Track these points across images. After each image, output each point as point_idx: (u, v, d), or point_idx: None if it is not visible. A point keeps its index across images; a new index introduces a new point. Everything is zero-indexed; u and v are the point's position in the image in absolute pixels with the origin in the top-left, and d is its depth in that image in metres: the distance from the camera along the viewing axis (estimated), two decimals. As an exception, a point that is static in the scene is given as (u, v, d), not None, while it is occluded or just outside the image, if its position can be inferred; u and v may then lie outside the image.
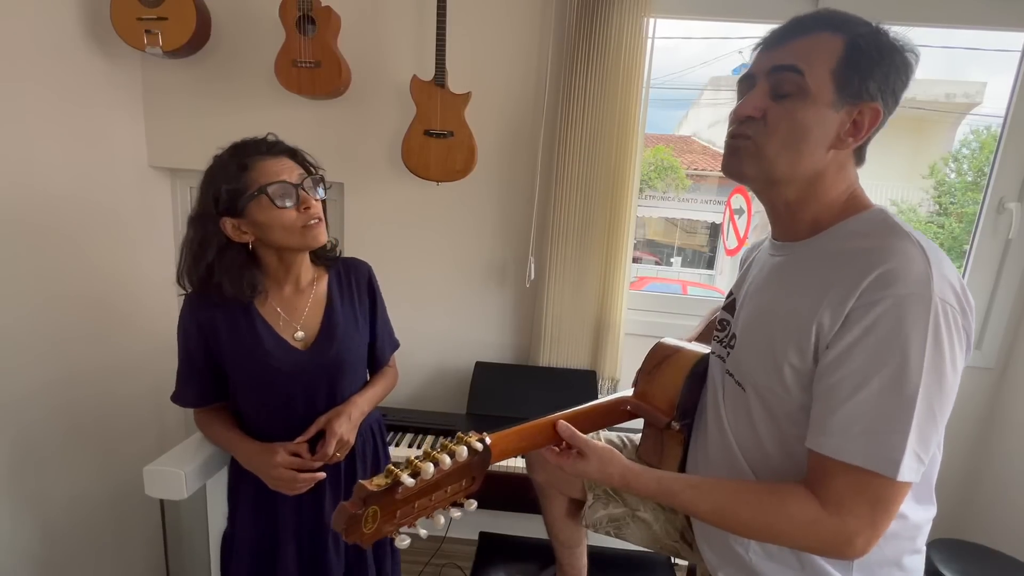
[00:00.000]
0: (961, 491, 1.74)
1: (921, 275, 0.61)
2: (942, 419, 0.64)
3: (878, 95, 0.67)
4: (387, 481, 0.59)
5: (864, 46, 0.66)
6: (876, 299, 0.62)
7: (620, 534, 1.00)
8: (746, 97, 0.72)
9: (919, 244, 0.64)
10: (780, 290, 0.75)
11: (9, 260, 1.29)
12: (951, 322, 0.62)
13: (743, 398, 0.78)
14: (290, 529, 1.03)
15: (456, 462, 0.65)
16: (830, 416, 0.64)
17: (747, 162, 0.72)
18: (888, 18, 1.58)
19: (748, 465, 0.78)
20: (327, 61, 1.52)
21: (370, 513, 0.59)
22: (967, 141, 4.25)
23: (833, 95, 0.67)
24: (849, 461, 0.63)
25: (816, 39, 0.68)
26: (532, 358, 1.73)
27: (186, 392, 1.03)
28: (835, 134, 0.69)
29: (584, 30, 1.50)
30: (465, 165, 1.57)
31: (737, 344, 0.80)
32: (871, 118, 0.68)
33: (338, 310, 1.05)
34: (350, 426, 1.00)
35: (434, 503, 0.66)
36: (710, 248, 5.74)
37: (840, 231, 0.71)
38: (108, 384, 1.57)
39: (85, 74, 1.49)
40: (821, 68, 0.66)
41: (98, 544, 1.57)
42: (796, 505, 0.66)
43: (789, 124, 0.68)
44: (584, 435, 0.80)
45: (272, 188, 0.90)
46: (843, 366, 0.64)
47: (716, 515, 0.71)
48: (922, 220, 4.04)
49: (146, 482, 0.98)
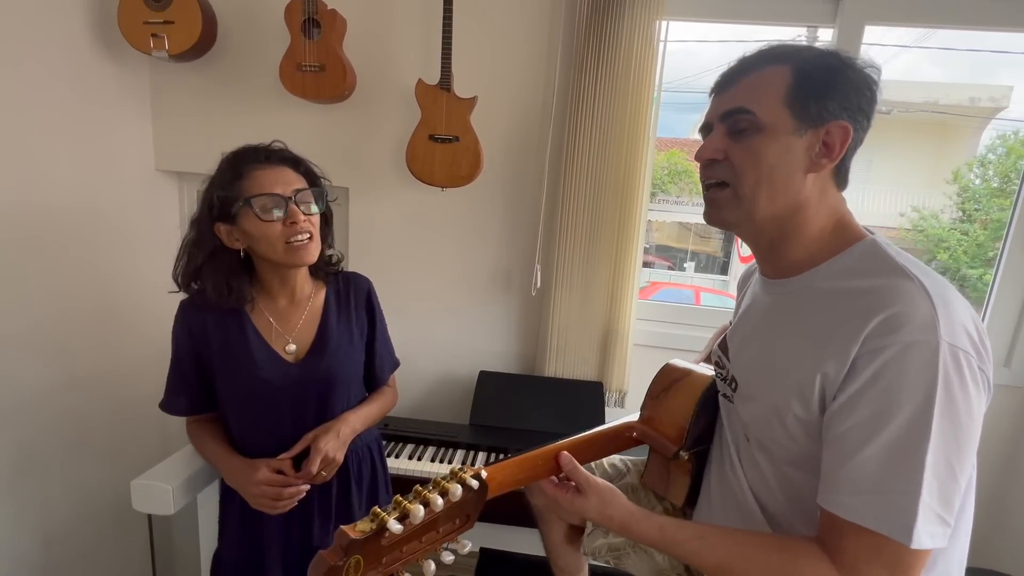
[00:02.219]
0: (990, 516, 1.65)
1: (926, 320, 0.57)
2: (963, 473, 0.58)
3: (842, 113, 0.65)
4: (372, 526, 0.54)
5: (812, 70, 0.65)
6: (880, 346, 0.58)
7: (620, 564, 0.95)
8: (705, 141, 0.71)
9: (921, 284, 0.60)
10: (775, 339, 0.72)
11: (16, 264, 1.29)
12: (963, 367, 0.57)
13: (747, 445, 0.75)
14: (277, 551, 1.00)
15: (449, 502, 0.60)
16: (839, 469, 0.60)
17: (727, 210, 0.71)
18: (914, 20, 1.50)
19: (760, 507, 0.74)
20: (332, 65, 1.50)
21: (352, 563, 0.54)
22: (993, 146, 4.13)
23: (791, 122, 0.65)
24: (860, 523, 0.58)
25: (761, 75, 0.67)
26: (537, 368, 1.69)
27: (174, 400, 1.01)
28: (807, 158, 0.66)
29: (594, 32, 1.46)
30: (470, 170, 1.54)
31: (738, 392, 0.77)
32: (841, 136, 0.65)
33: (333, 325, 1.02)
34: (338, 444, 0.96)
35: (424, 546, 0.61)
36: (724, 253, 5.66)
37: (832, 268, 0.68)
38: (112, 389, 1.57)
39: (93, 78, 1.49)
40: (771, 101, 0.66)
41: (98, 550, 1.56)
42: (809, 567, 0.61)
43: (754, 159, 0.67)
44: (585, 471, 0.75)
45: (258, 200, 0.88)
46: (851, 416, 0.60)
47: (722, 571, 0.67)
48: (945, 226, 3.93)
49: (133, 496, 0.95)
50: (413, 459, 1.44)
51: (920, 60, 6.09)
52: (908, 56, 4.73)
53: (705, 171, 0.72)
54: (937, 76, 5.29)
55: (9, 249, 1.27)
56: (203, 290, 0.93)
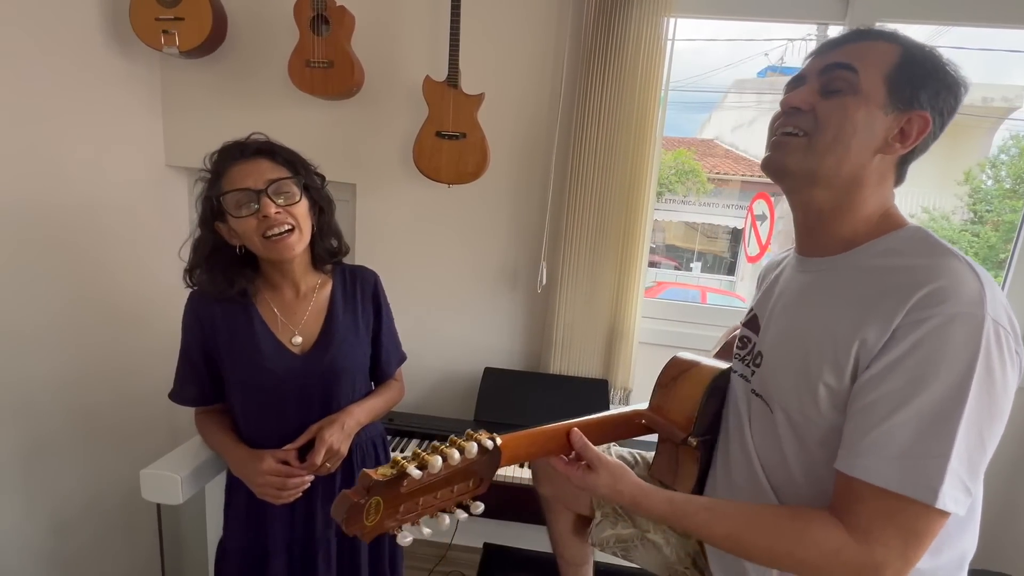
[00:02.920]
0: (998, 518, 1.64)
1: (974, 294, 0.58)
2: (991, 446, 0.60)
3: (928, 107, 0.67)
4: (392, 472, 0.57)
5: (919, 58, 0.67)
6: (925, 316, 0.59)
7: (628, 556, 0.95)
8: (795, 91, 0.71)
9: (969, 263, 0.62)
10: (814, 308, 0.72)
11: (28, 260, 1.31)
12: (1004, 344, 0.58)
13: (770, 419, 0.74)
14: (280, 541, 1.00)
15: (465, 459, 0.62)
16: (864, 436, 0.60)
17: (793, 156, 0.70)
18: (925, 17, 1.49)
19: (772, 488, 0.74)
20: (340, 61, 1.51)
21: (373, 504, 0.56)
22: (1006, 147, 4.08)
23: (884, 98, 0.66)
24: (881, 485, 0.59)
25: (873, 45, 0.68)
26: (542, 365, 1.69)
27: (183, 390, 1.02)
28: (883, 137, 0.67)
29: (601, 29, 1.45)
30: (477, 167, 1.54)
31: (764, 363, 0.76)
32: (920, 127, 0.67)
33: (338, 318, 1.02)
34: (342, 435, 0.97)
35: (439, 501, 0.63)
36: (731, 254, 5.62)
37: (875, 248, 0.69)
38: (122, 382, 1.59)
39: (105, 74, 1.50)
40: (875, 70, 0.66)
41: (108, 541, 1.58)
42: (820, 531, 0.62)
43: (840, 119, 0.67)
44: (596, 448, 0.76)
45: (229, 197, 0.88)
46: (884, 383, 0.60)
47: (732, 540, 0.67)
48: (956, 228, 3.89)
49: (143, 486, 0.96)
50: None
51: (932, 60, 6.01)
52: (920, 55, 4.67)
53: (785, 119, 0.71)
54: (950, 76, 5.22)
55: (21, 245, 1.29)
56: (200, 282, 0.95)
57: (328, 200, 1.02)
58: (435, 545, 1.83)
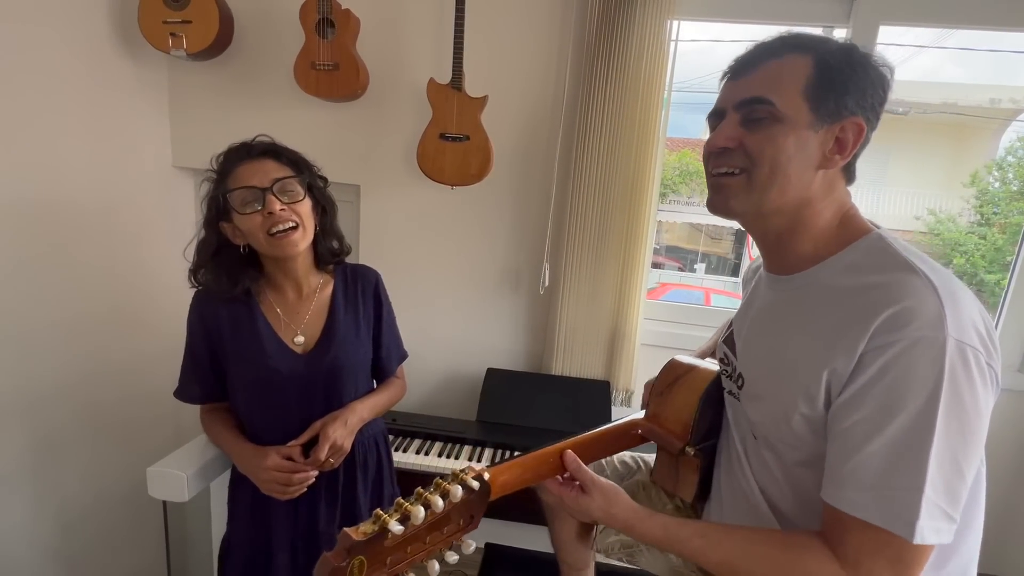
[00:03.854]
0: (1001, 523, 1.63)
1: (933, 316, 0.57)
2: (970, 469, 0.58)
3: (858, 110, 0.64)
4: (374, 528, 0.55)
5: (834, 63, 0.63)
6: (888, 342, 0.57)
7: (633, 561, 0.96)
8: (717, 129, 0.69)
9: (928, 279, 0.59)
10: (781, 335, 0.71)
11: (35, 259, 1.33)
12: (971, 363, 0.57)
13: (755, 445, 0.74)
14: (284, 537, 1.02)
15: (450, 503, 0.61)
16: (843, 465, 0.60)
17: (736, 198, 0.69)
18: (929, 20, 1.48)
19: (768, 504, 0.73)
20: (345, 64, 1.52)
21: (356, 564, 0.55)
22: (1013, 148, 4.05)
23: (809, 116, 0.64)
24: (865, 518, 0.58)
25: (782, 63, 0.65)
26: (545, 366, 1.70)
27: (188, 388, 1.03)
28: (820, 154, 0.65)
29: (605, 31, 1.46)
30: (480, 169, 1.55)
31: (744, 390, 0.76)
32: (855, 134, 0.65)
33: (339, 317, 1.04)
34: (346, 432, 0.98)
35: (429, 546, 0.62)
36: (735, 255, 5.60)
37: (838, 263, 0.67)
38: (128, 381, 1.61)
39: (113, 76, 1.52)
40: (791, 92, 0.64)
41: (114, 537, 1.60)
42: (814, 564, 0.61)
43: (771, 151, 0.65)
44: (590, 470, 0.76)
45: (235, 194, 0.91)
46: (856, 411, 0.59)
47: (727, 568, 0.67)
48: (962, 230, 3.86)
49: (149, 483, 0.98)
50: (420, 454, 1.46)
51: (942, 61, 5.97)
52: (930, 56, 4.64)
53: (716, 160, 0.69)
54: (959, 77, 5.19)
55: (29, 244, 1.31)
56: (203, 282, 0.97)
57: (331, 201, 1.04)
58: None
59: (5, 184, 1.25)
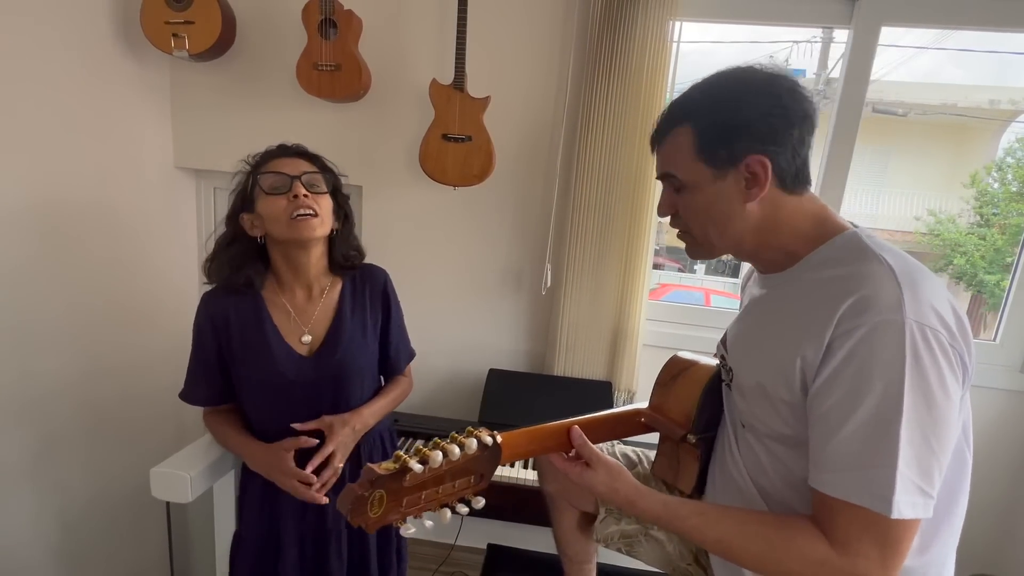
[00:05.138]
0: (1000, 522, 1.64)
1: (892, 300, 0.60)
2: (941, 448, 0.60)
3: (754, 146, 0.68)
4: (395, 466, 0.59)
5: (711, 121, 0.69)
6: (851, 327, 0.61)
7: (632, 552, 0.97)
8: (659, 200, 0.79)
9: (890, 267, 0.63)
10: (764, 327, 0.76)
11: (38, 259, 1.33)
12: (932, 344, 0.59)
13: (743, 432, 0.78)
14: (293, 533, 1.03)
15: (464, 454, 0.64)
16: (823, 449, 0.63)
17: (697, 252, 0.79)
18: (931, 21, 1.49)
19: (757, 489, 0.76)
20: (347, 64, 1.52)
21: (376, 497, 0.59)
22: (1012, 149, 4.06)
23: (708, 171, 0.70)
24: (846, 499, 0.61)
25: (671, 139, 0.73)
26: (547, 367, 1.70)
27: (194, 390, 1.04)
28: (740, 195, 0.70)
29: (607, 32, 1.46)
30: (483, 170, 1.55)
31: (734, 381, 0.80)
32: (760, 167, 0.68)
33: (347, 318, 1.04)
34: (352, 438, 1.01)
35: (441, 496, 0.66)
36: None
37: (813, 260, 0.71)
38: (131, 381, 1.61)
39: (115, 76, 1.52)
40: (685, 161, 0.71)
41: (116, 537, 1.60)
42: (806, 543, 0.64)
43: (696, 212, 0.74)
44: (595, 446, 0.79)
45: (265, 177, 0.95)
46: (830, 396, 0.63)
47: (723, 546, 0.69)
48: (962, 231, 3.87)
49: (152, 484, 0.98)
50: (423, 454, 1.46)
51: (942, 62, 5.97)
52: (930, 58, 4.63)
53: (671, 222, 0.80)
54: (959, 78, 5.19)
55: (32, 245, 1.31)
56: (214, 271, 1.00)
57: (350, 210, 1.09)
58: (439, 546, 1.84)
59: (7, 184, 1.25)
